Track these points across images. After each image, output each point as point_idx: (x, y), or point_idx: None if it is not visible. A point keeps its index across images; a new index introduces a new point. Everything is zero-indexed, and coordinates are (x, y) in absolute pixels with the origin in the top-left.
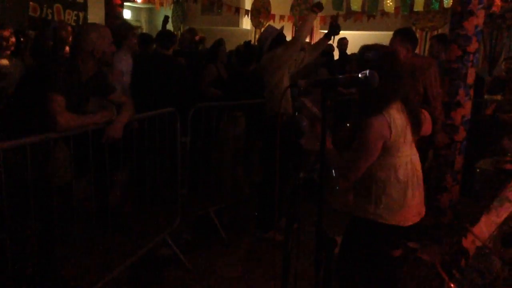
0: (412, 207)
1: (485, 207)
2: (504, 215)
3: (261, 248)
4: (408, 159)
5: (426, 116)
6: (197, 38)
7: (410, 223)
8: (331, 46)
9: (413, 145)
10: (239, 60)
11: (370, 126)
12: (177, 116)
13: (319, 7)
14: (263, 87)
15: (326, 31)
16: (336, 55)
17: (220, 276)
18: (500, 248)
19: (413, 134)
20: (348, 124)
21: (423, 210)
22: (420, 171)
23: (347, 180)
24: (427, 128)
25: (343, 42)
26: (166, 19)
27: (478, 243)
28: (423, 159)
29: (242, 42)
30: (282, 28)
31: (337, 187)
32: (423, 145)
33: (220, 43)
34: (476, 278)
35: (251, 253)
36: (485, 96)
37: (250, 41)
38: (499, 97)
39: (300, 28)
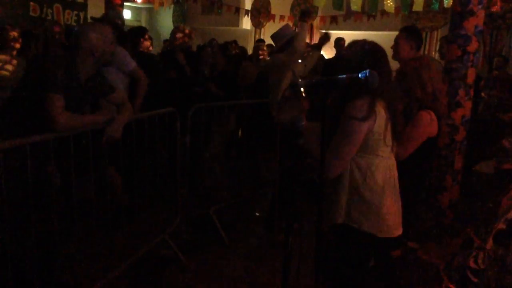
0: (390, 216)
1: (485, 212)
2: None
3: (261, 248)
4: (389, 163)
5: (432, 117)
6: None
7: (386, 235)
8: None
9: (393, 154)
10: (230, 60)
11: (355, 106)
12: (177, 116)
13: (325, 40)
14: (264, 87)
15: (324, 31)
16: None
17: (220, 276)
18: (492, 246)
19: (393, 137)
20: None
21: (400, 228)
22: (398, 184)
23: (330, 171)
24: (433, 129)
25: (340, 43)
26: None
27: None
28: (427, 162)
29: (241, 42)
30: (299, 31)
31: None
32: (427, 147)
33: (203, 47)
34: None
35: (252, 253)
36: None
37: (235, 40)
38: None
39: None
